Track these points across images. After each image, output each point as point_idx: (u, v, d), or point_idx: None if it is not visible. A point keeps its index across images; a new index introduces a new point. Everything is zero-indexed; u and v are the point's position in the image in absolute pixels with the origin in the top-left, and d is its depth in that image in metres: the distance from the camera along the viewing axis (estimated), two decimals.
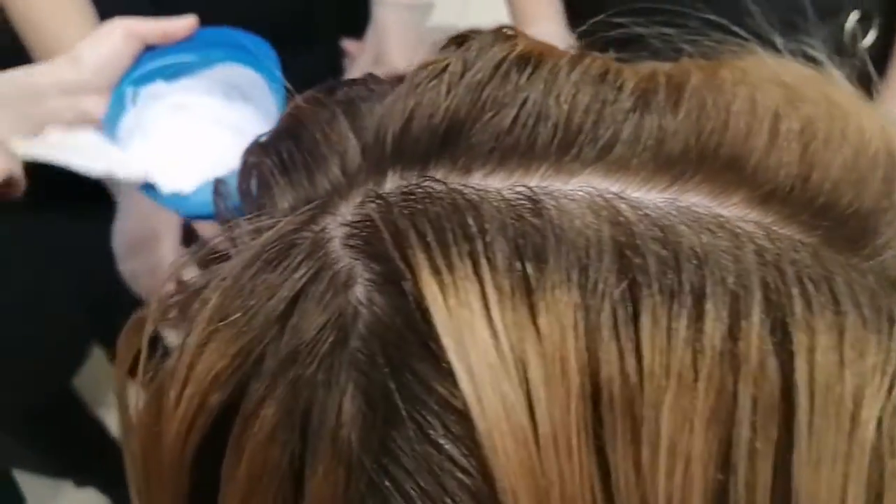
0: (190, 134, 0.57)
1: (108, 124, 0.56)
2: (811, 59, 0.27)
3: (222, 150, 0.55)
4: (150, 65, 0.57)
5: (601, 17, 0.28)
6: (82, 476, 1.29)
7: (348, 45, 0.97)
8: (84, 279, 0.99)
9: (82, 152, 0.53)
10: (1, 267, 0.93)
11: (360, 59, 0.93)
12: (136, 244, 0.75)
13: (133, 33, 0.54)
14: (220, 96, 0.58)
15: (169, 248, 0.74)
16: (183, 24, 0.55)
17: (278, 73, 0.57)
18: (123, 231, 0.76)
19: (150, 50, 0.57)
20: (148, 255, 0.74)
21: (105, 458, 1.27)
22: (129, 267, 0.76)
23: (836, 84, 0.26)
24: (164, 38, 0.55)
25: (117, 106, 0.56)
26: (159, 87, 0.57)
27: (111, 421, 1.29)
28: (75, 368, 1.14)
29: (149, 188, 0.56)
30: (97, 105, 0.54)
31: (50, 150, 0.53)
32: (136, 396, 0.25)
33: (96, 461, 1.26)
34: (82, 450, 1.25)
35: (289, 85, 0.30)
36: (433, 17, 0.99)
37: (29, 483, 1.01)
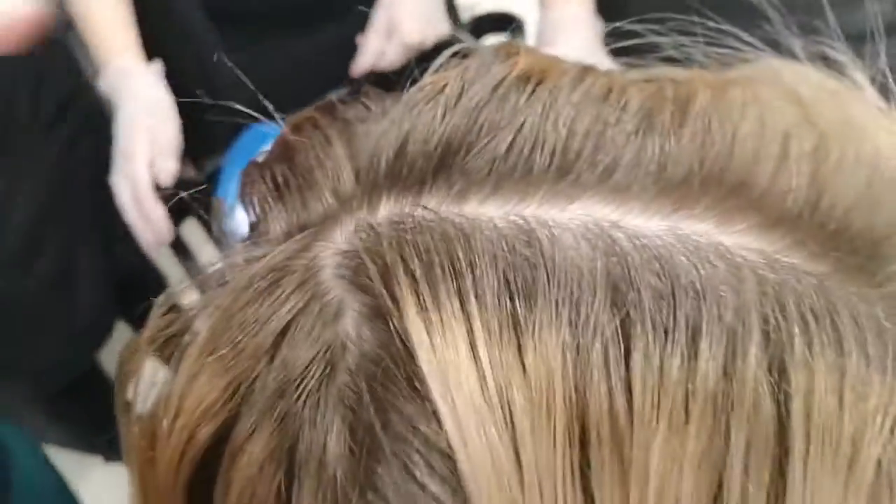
0: None
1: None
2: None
3: None
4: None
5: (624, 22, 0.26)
6: (109, 452, 1.32)
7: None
8: (110, 256, 1.02)
9: None
10: (31, 245, 0.97)
11: (371, 30, 0.90)
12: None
13: None
14: None
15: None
16: None
17: None
18: None
19: None
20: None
21: None
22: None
23: (857, 94, 0.24)
24: None
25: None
26: None
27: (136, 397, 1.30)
28: (101, 342, 1.16)
29: None
30: None
31: None
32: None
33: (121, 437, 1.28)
34: (108, 425, 1.27)
35: None
36: None
37: (60, 459, 1.02)
